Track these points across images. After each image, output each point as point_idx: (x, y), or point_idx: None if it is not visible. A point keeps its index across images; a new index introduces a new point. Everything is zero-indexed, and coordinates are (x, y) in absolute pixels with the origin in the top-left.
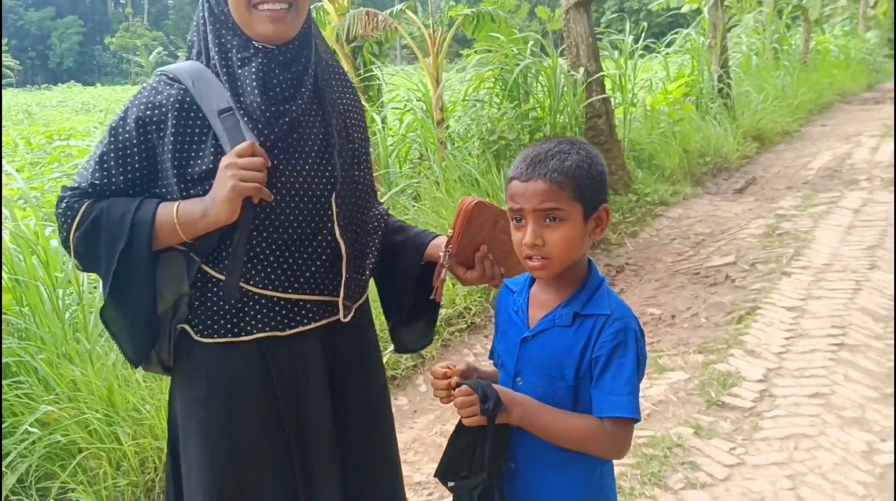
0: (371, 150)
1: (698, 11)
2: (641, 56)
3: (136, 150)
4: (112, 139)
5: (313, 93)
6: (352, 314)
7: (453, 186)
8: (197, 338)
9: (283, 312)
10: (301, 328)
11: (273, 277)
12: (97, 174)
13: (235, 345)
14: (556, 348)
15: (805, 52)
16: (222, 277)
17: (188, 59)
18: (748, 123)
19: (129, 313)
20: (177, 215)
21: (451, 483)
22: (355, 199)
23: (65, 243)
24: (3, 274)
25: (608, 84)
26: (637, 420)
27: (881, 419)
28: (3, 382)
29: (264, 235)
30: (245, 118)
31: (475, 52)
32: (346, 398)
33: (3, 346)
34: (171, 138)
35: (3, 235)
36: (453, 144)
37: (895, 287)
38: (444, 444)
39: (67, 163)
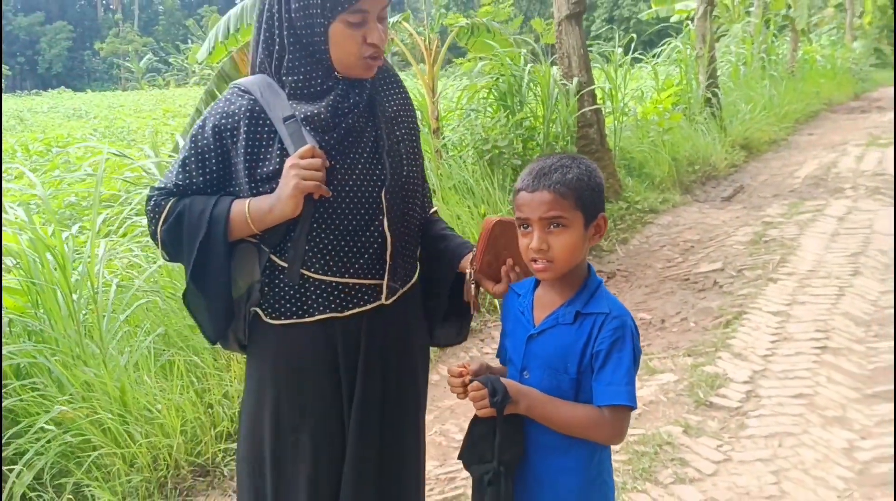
0: (420, 148)
1: (688, 21)
2: (631, 66)
3: (213, 154)
4: (192, 145)
5: (368, 103)
6: (395, 297)
7: (449, 194)
8: (267, 320)
9: (342, 295)
10: (356, 310)
11: (332, 263)
12: (180, 176)
13: (300, 326)
14: (560, 344)
15: (792, 61)
16: (286, 264)
17: (254, 73)
18: (736, 132)
19: (208, 297)
20: (248, 211)
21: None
22: (404, 195)
23: (153, 235)
24: (19, 277)
25: (599, 94)
26: (633, 408)
27: (861, 419)
28: (19, 383)
29: (322, 226)
30: (305, 124)
31: (469, 60)
32: (387, 373)
33: (19, 348)
34: (244, 143)
35: (19, 239)
36: (447, 152)
37: (895, 290)
38: (444, 442)
39: (65, 170)
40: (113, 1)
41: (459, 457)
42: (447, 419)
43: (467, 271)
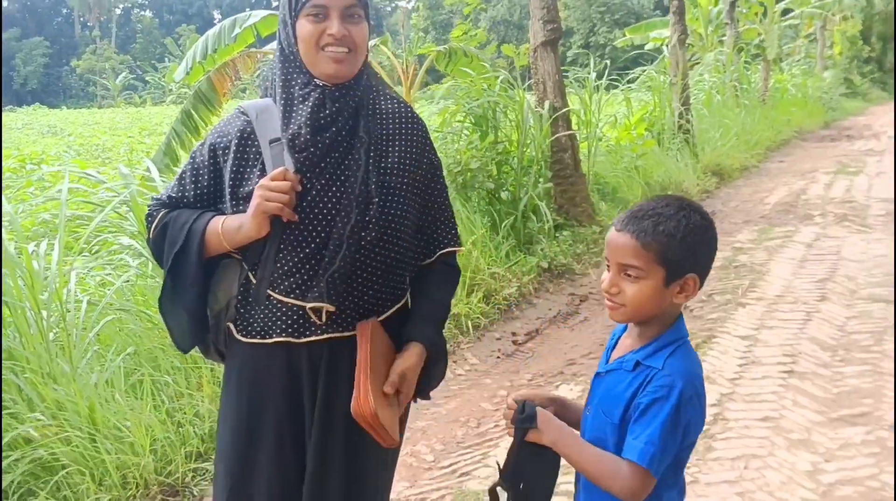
0: (432, 189)
1: (662, 49)
2: (606, 92)
3: (206, 170)
4: (191, 160)
5: (352, 126)
6: (346, 332)
7: None
8: (237, 336)
9: (301, 320)
10: (314, 338)
11: (294, 286)
12: (175, 188)
13: (262, 346)
14: (615, 389)
15: (764, 90)
16: (255, 283)
17: (263, 97)
18: (709, 159)
19: (179, 306)
20: (222, 228)
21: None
22: (381, 229)
23: (148, 242)
24: None
25: (574, 119)
26: (651, 473)
27: (826, 442)
28: None
29: (290, 248)
30: (288, 145)
31: (443, 83)
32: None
33: None
34: (232, 162)
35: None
36: None
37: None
38: (414, 463)
39: (39, 188)
40: (90, 18)
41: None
42: (419, 441)
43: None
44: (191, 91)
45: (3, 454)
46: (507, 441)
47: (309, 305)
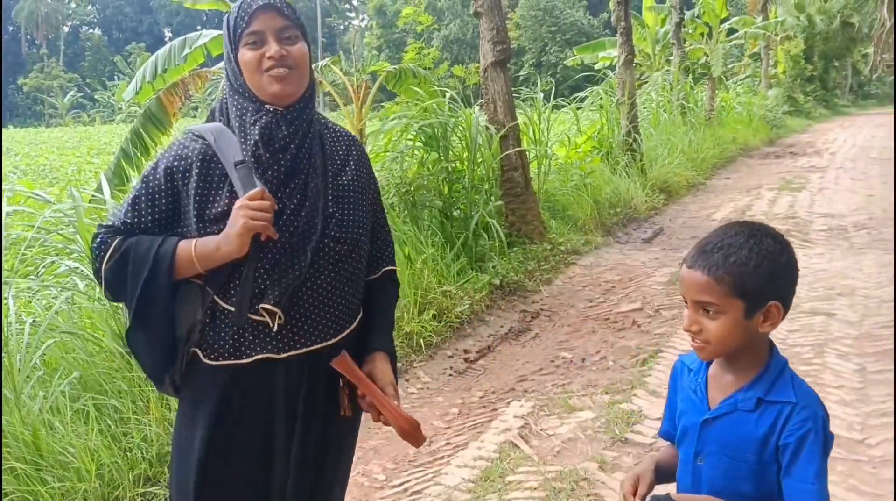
0: (377, 209)
1: (612, 68)
2: (556, 110)
3: (163, 194)
4: (144, 185)
5: (310, 146)
6: (323, 343)
7: None
8: (205, 361)
9: (279, 336)
10: (293, 352)
11: (277, 303)
12: (129, 214)
13: (237, 367)
14: (740, 431)
15: (710, 108)
16: (229, 306)
17: (210, 121)
18: (656, 176)
19: (150, 335)
20: (195, 250)
21: None
22: (343, 244)
23: (97, 273)
24: None
25: (524, 138)
26: None
27: None
28: None
29: (268, 267)
30: (255, 167)
31: (396, 103)
32: (328, 417)
33: None
34: (195, 185)
35: None
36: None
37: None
38: (366, 483)
39: None
40: (38, 36)
41: None
42: (370, 460)
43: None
44: (140, 111)
45: None
46: (459, 459)
47: (263, 305)
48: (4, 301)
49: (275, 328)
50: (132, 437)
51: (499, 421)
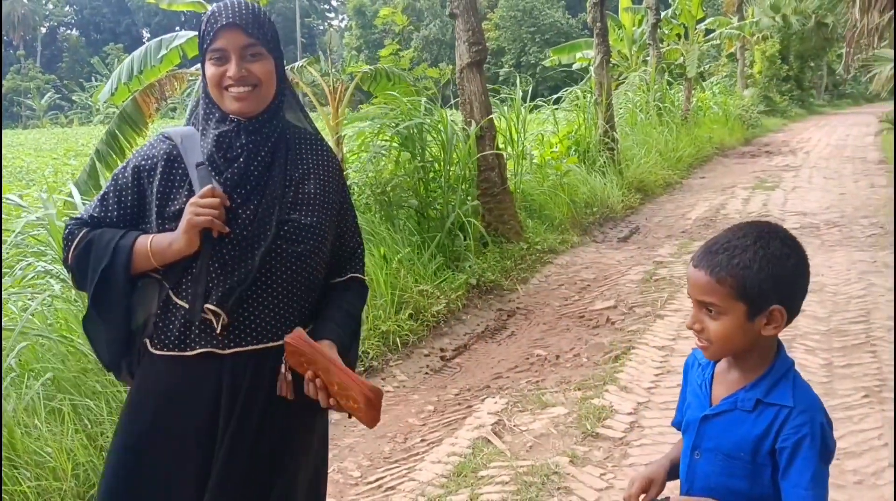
0: (346, 219)
1: (588, 69)
2: (534, 110)
3: (130, 191)
4: (113, 182)
5: (271, 155)
6: (269, 342)
7: None
8: (153, 350)
9: (224, 332)
10: (238, 349)
11: (223, 302)
12: (97, 209)
13: (182, 359)
14: (737, 430)
15: (686, 108)
16: (181, 302)
17: (187, 124)
18: (633, 176)
19: (106, 324)
20: (150, 245)
21: None
22: (299, 244)
23: (65, 262)
24: None
25: (501, 139)
26: None
27: None
28: None
29: (219, 264)
30: (209, 165)
31: (372, 103)
32: (267, 417)
33: None
34: (158, 183)
35: None
36: (353, 194)
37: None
38: (341, 480)
39: None
40: (15, 37)
41: None
42: (346, 457)
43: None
44: (116, 112)
45: None
46: (433, 455)
47: (208, 305)
48: None
49: (218, 329)
50: (107, 437)
51: (473, 418)
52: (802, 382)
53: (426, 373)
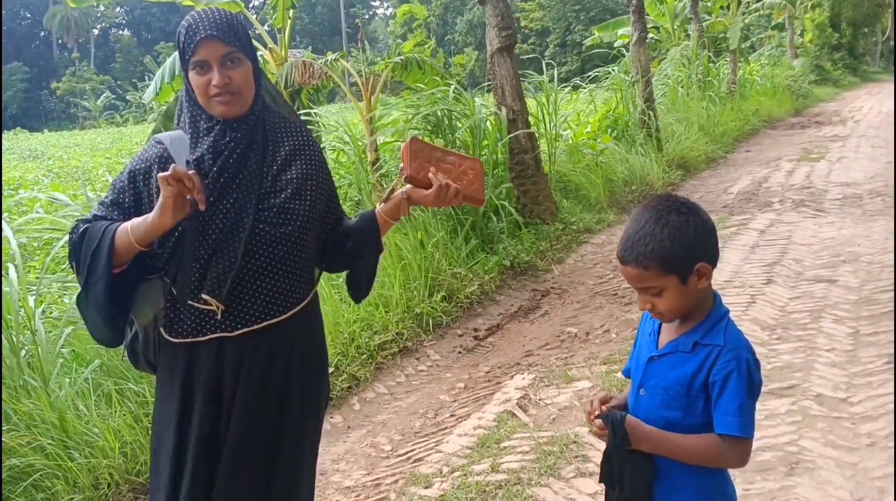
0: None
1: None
2: (575, 90)
3: (127, 194)
4: (113, 187)
5: (249, 143)
6: (253, 327)
7: None
8: (169, 338)
9: (231, 316)
10: (244, 330)
11: (217, 290)
12: (101, 209)
13: (196, 344)
14: (677, 369)
15: (732, 81)
16: (177, 292)
17: (175, 128)
18: (673, 152)
19: (91, 299)
20: (130, 225)
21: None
22: (276, 225)
23: (69, 257)
24: None
25: (533, 121)
26: (749, 438)
27: (760, 420)
28: None
29: (204, 254)
30: (195, 166)
31: (401, 96)
32: (267, 392)
33: None
34: (153, 184)
35: None
36: (390, 182)
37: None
38: (373, 454)
39: (16, 213)
40: (68, 40)
41: (601, 480)
42: (379, 433)
43: (399, 179)
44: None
45: None
46: (461, 428)
47: (204, 295)
48: (41, 297)
49: (219, 315)
50: (152, 417)
51: (500, 393)
52: (734, 327)
53: (459, 352)
